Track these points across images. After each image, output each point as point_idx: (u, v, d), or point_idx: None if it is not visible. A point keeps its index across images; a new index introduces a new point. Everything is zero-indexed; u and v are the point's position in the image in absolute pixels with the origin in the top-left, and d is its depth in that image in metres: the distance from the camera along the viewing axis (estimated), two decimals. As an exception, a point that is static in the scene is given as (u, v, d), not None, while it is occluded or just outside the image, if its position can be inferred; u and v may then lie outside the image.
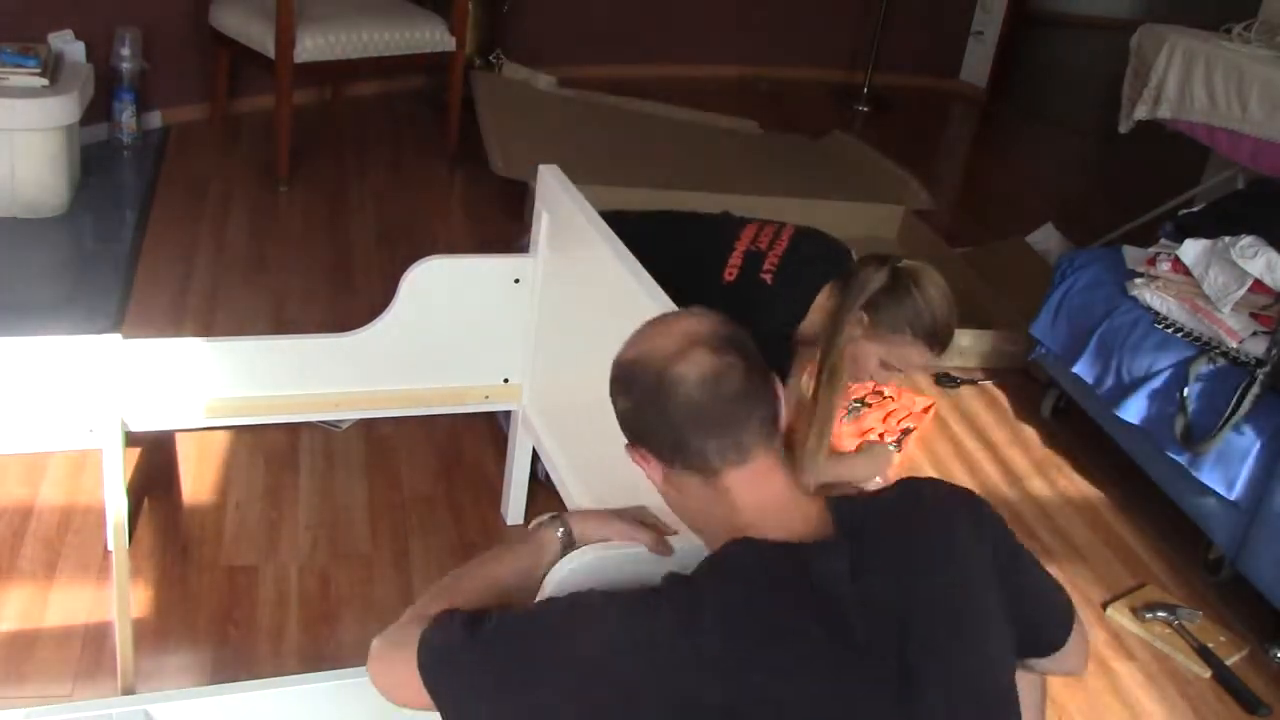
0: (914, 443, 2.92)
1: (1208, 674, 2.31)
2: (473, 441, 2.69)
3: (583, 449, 2.07)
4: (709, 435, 1.22)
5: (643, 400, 1.25)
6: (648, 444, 1.27)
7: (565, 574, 1.45)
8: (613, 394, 1.30)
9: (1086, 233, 3.97)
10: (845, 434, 2.87)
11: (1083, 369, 2.83)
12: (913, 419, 2.98)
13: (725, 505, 1.24)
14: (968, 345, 3.32)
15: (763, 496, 1.24)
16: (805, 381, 2.30)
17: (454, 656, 1.21)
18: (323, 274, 3.36)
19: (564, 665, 1.16)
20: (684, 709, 1.11)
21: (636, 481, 1.83)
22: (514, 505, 2.44)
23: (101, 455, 2.04)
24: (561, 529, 1.41)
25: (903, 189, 4.35)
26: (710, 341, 1.24)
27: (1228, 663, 2.33)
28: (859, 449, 2.75)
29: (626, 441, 1.31)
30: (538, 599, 1.40)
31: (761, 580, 1.17)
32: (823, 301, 2.24)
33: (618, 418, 1.30)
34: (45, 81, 3.31)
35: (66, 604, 2.09)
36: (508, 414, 2.41)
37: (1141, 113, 3.58)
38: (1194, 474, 2.47)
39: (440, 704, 1.21)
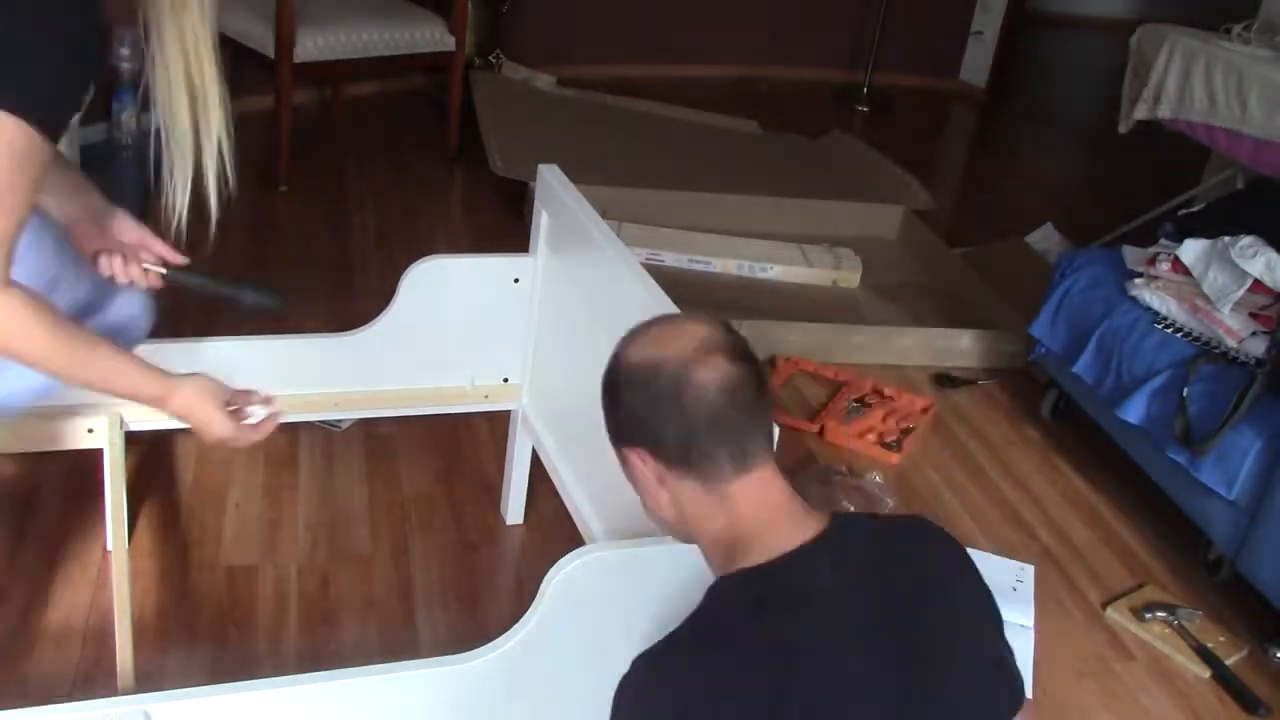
0: (914, 443, 2.92)
1: (1207, 674, 2.31)
2: (473, 441, 2.69)
3: (582, 449, 2.07)
4: (721, 441, 1.22)
5: (656, 401, 1.24)
6: (649, 444, 1.26)
7: (564, 575, 1.45)
8: (613, 394, 1.29)
9: (1086, 233, 3.97)
10: (846, 433, 2.87)
11: (1083, 369, 2.83)
12: (912, 419, 2.98)
13: (725, 514, 1.25)
14: (968, 345, 3.33)
15: (762, 506, 1.24)
16: None
17: None
18: (323, 274, 3.36)
19: None
20: None
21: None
22: (514, 505, 2.44)
23: (101, 455, 2.04)
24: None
25: (903, 189, 4.35)
26: (727, 350, 1.24)
27: (1228, 663, 2.33)
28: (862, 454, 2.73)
29: (617, 442, 1.30)
30: (537, 600, 1.41)
31: (752, 626, 1.18)
32: None
33: (614, 419, 1.30)
34: (45, 81, 3.30)
35: (66, 604, 2.09)
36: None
37: (1141, 113, 3.58)
38: (1194, 474, 2.47)
39: None
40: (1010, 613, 2.38)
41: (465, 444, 2.68)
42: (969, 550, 1.38)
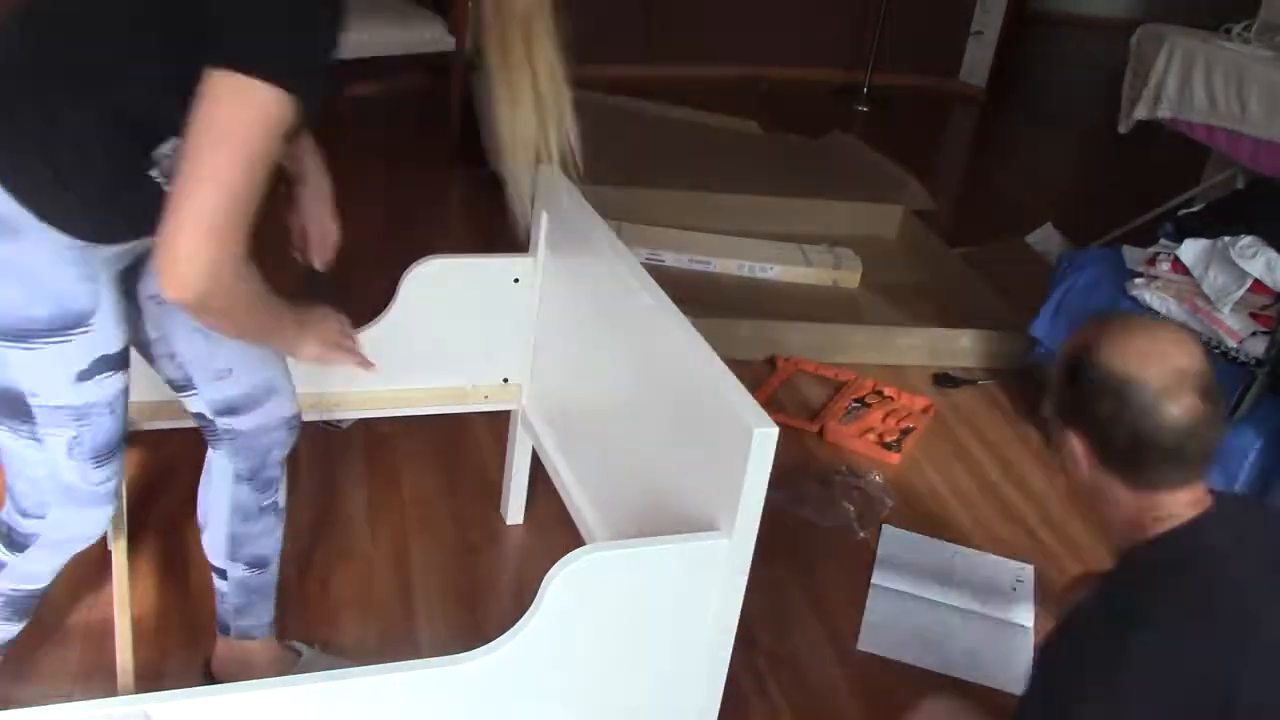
0: (914, 443, 2.92)
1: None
2: (473, 441, 2.69)
3: (582, 449, 2.07)
4: (1171, 467, 1.38)
5: (1120, 413, 1.38)
6: (1095, 439, 1.41)
7: (564, 575, 1.45)
8: (1075, 378, 1.43)
9: (1086, 233, 3.97)
10: (846, 433, 2.87)
11: (1083, 369, 2.83)
12: (912, 419, 2.98)
13: (1142, 508, 1.41)
14: (968, 345, 3.32)
15: (1179, 506, 1.40)
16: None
17: None
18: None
19: None
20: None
21: (635, 482, 1.83)
22: (514, 505, 2.44)
23: (101, 455, 2.03)
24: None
25: (902, 189, 4.36)
26: (1200, 385, 1.37)
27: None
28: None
29: (1060, 414, 1.47)
30: (537, 600, 1.41)
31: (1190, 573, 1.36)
32: None
33: (1066, 398, 1.45)
34: (45, 81, 3.30)
35: (66, 604, 2.09)
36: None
37: (1141, 113, 3.58)
38: (1194, 474, 2.47)
39: None
40: (1010, 613, 2.38)
41: (465, 444, 2.68)
42: (966, 550, 1.45)
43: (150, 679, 1.93)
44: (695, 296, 3.29)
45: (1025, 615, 2.38)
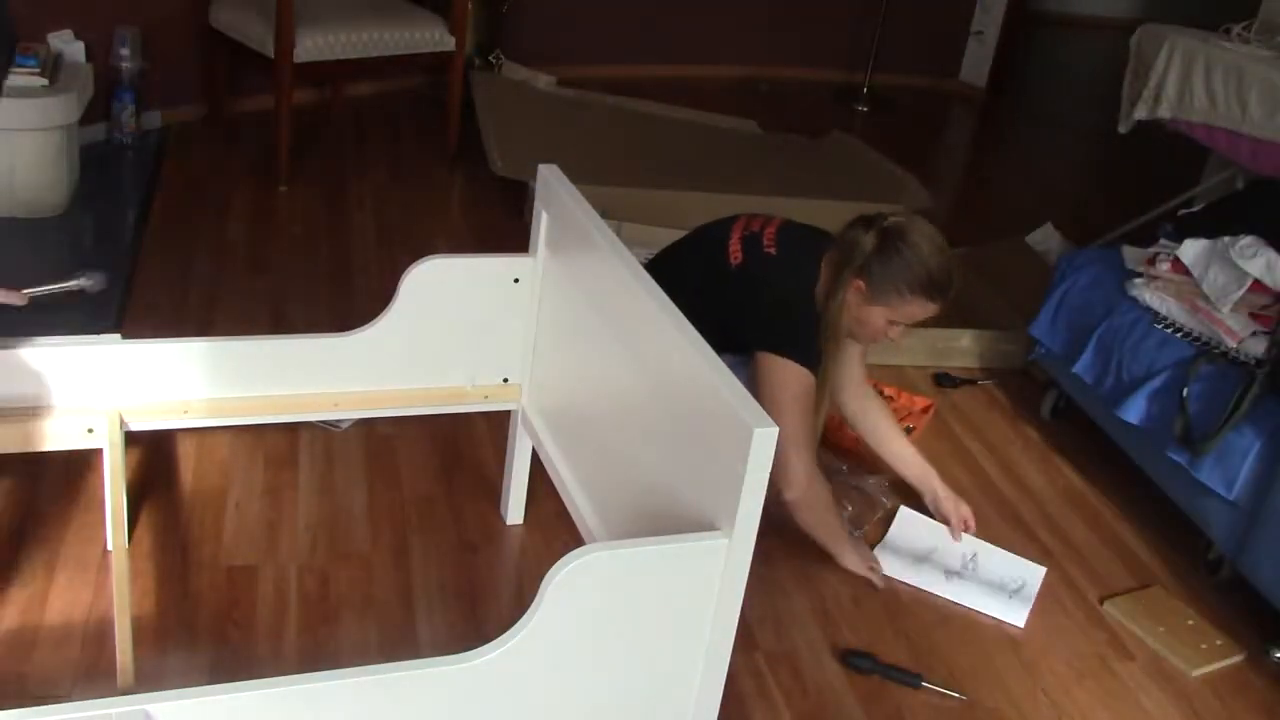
0: (914, 443, 2.92)
1: (1203, 671, 2.31)
2: (473, 441, 2.69)
3: (582, 449, 2.07)
4: None
5: None
6: None
7: (564, 575, 1.45)
8: None
9: (1086, 233, 3.97)
10: (846, 433, 2.87)
11: (1083, 369, 2.83)
12: (912, 419, 2.98)
13: None
14: (968, 345, 3.32)
15: None
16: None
17: None
18: (323, 274, 3.36)
19: None
20: None
21: (635, 482, 1.83)
22: (514, 505, 2.44)
23: (101, 455, 2.04)
24: None
25: (902, 189, 4.35)
26: None
27: (1226, 663, 2.33)
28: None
29: None
30: (537, 599, 1.40)
31: None
32: (825, 273, 2.35)
33: None
34: (45, 81, 3.31)
35: (66, 604, 2.09)
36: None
37: (1141, 113, 3.58)
38: (1194, 474, 2.47)
39: None
40: (1006, 612, 2.38)
41: (465, 444, 2.68)
42: (986, 545, 1.35)
43: (150, 679, 1.93)
44: (695, 296, 3.29)
45: (1019, 615, 2.38)
